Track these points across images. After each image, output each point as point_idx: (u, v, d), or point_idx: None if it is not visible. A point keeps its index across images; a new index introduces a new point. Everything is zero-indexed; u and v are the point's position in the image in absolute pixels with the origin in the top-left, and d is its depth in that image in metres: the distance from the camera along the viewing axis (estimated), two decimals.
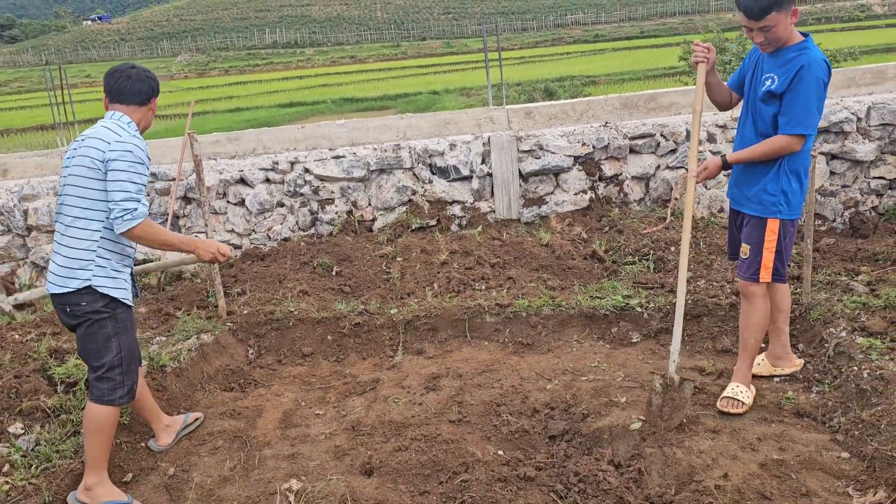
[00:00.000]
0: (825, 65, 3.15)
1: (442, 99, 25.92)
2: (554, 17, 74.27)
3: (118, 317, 3.02)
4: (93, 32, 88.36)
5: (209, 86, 41.10)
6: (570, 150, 5.92)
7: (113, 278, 3.00)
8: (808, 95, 3.12)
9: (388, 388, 3.98)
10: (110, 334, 3.00)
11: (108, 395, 3.00)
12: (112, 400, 3.01)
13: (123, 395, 3.04)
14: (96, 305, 2.96)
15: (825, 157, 5.91)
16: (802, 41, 3.21)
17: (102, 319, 2.98)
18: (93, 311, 2.97)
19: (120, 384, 3.02)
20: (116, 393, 3.02)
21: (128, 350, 3.05)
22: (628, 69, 30.40)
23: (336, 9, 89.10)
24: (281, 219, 6.11)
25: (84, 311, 2.96)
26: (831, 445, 3.07)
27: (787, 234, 3.36)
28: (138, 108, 3.13)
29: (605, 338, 4.44)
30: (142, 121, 3.17)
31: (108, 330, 2.99)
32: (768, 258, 3.35)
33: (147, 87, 3.15)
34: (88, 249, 2.95)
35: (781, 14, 3.09)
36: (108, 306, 2.99)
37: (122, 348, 3.02)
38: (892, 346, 3.53)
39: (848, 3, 61.18)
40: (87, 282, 2.93)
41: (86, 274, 2.94)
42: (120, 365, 3.01)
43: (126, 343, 3.04)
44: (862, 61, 14.59)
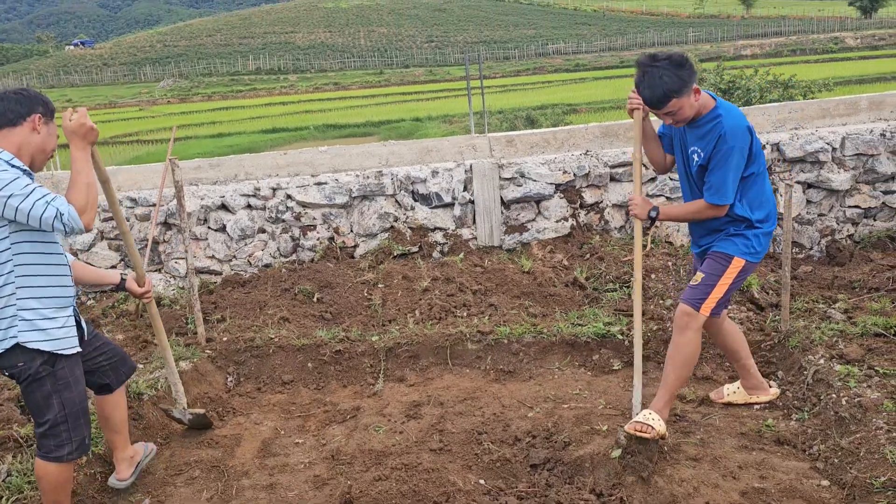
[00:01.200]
0: (742, 129, 3.17)
1: (425, 126, 26.10)
2: (536, 46, 75.32)
3: (57, 374, 2.77)
4: (75, 57, 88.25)
5: (192, 111, 41.10)
6: (551, 178, 5.97)
7: (42, 330, 2.71)
8: (724, 167, 3.17)
9: (368, 417, 3.94)
10: (49, 392, 2.76)
11: (55, 452, 2.80)
12: (59, 457, 2.80)
13: (72, 451, 2.83)
14: (33, 365, 2.71)
15: (801, 186, 6.00)
16: (714, 108, 3.23)
17: (40, 378, 2.74)
18: (31, 373, 2.72)
19: (67, 440, 2.81)
20: (64, 449, 2.81)
21: (72, 405, 2.81)
22: (609, 98, 30.83)
23: (320, 36, 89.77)
24: (262, 245, 6.08)
25: (22, 373, 2.73)
26: (811, 473, 3.08)
27: (741, 277, 3.39)
28: (11, 132, 2.72)
29: (587, 365, 4.45)
30: (23, 146, 2.74)
31: (47, 388, 2.76)
32: (719, 292, 3.35)
33: (14, 105, 2.75)
34: (6, 305, 2.68)
35: (682, 98, 3.14)
36: (46, 364, 2.74)
37: (66, 405, 2.79)
38: (870, 374, 3.56)
39: (822, 36, 62.70)
40: (14, 339, 2.68)
41: (11, 332, 2.68)
42: (65, 421, 2.79)
43: (69, 399, 2.80)
44: (836, 92, 14.91)
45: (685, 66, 3.13)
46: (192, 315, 4.97)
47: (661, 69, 3.12)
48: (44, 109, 2.81)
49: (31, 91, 2.83)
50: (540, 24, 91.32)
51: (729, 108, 3.25)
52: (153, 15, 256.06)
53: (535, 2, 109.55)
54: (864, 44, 57.37)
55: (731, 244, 3.35)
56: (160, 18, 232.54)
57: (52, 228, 2.61)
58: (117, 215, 3.24)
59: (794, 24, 74.29)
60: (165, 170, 4.99)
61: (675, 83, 3.11)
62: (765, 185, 3.35)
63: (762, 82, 13.45)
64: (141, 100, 53.44)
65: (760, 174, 3.32)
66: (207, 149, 22.12)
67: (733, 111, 3.24)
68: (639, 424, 3.14)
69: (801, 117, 6.38)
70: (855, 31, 64.33)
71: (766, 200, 3.35)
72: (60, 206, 2.57)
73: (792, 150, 5.89)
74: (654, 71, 3.13)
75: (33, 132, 2.77)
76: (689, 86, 3.14)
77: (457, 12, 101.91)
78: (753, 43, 61.49)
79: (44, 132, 2.80)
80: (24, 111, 2.75)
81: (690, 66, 3.16)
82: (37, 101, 2.80)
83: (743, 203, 3.31)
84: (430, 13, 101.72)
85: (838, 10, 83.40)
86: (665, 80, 3.10)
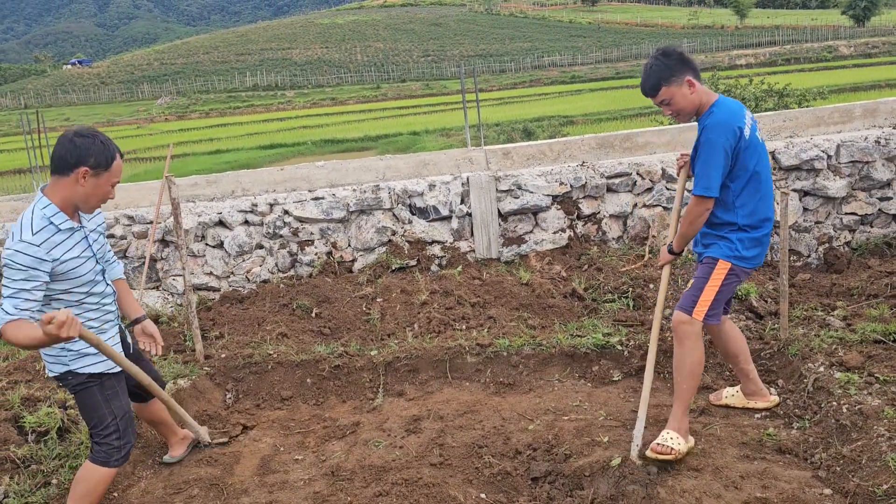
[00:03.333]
0: (725, 126, 3.18)
1: (422, 140, 26.18)
2: (531, 58, 75.65)
3: (105, 384, 3.01)
4: (73, 76, 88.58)
5: (190, 128, 41.21)
6: (548, 190, 5.98)
7: (90, 355, 2.96)
8: (705, 158, 3.21)
9: (368, 432, 3.93)
10: (99, 401, 3.00)
11: (104, 458, 3.02)
12: (107, 462, 3.03)
13: (119, 459, 3.05)
14: (81, 378, 2.97)
15: (798, 195, 6.01)
16: (712, 105, 3.30)
17: (89, 388, 2.99)
18: (79, 384, 2.98)
19: (117, 449, 3.03)
20: (112, 457, 3.03)
21: (122, 413, 3.05)
22: (604, 109, 30.98)
23: (316, 52, 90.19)
24: (260, 261, 6.08)
25: (71, 385, 2.99)
26: (813, 482, 3.06)
27: (730, 281, 3.37)
28: (59, 180, 2.75)
29: (587, 376, 4.43)
30: (67, 199, 2.79)
31: (97, 398, 3.00)
32: (708, 295, 3.36)
33: (65, 153, 2.71)
34: None
35: (672, 87, 3.27)
36: (93, 377, 2.99)
37: (116, 414, 3.02)
38: (870, 381, 3.55)
39: (816, 45, 63.04)
40: (66, 367, 2.94)
41: (62, 360, 2.94)
42: (116, 430, 3.02)
43: (119, 407, 3.04)
44: (830, 100, 14.99)
45: (672, 56, 3.29)
46: (190, 332, 4.95)
47: (653, 60, 3.33)
48: (93, 162, 2.74)
49: (86, 139, 2.74)
50: (535, 37, 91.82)
51: (725, 106, 3.27)
52: (150, 33, 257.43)
53: (531, 15, 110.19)
54: (858, 52, 57.69)
55: (716, 247, 3.38)
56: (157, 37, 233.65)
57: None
58: None
59: (787, 33, 74.72)
60: (162, 187, 5.00)
61: (662, 71, 3.27)
62: (758, 190, 3.32)
63: (757, 91, 13.53)
64: (139, 118, 53.62)
65: (752, 178, 3.29)
66: (205, 165, 22.17)
67: (726, 108, 3.25)
68: (659, 447, 3.19)
69: (795, 125, 6.41)
70: (848, 40, 64.69)
71: (757, 206, 3.33)
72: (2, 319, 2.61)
73: (787, 158, 5.91)
74: (648, 62, 3.36)
75: (77, 185, 2.76)
76: (678, 75, 3.26)
77: (452, 26, 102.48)
78: (748, 52, 61.81)
79: (90, 185, 2.77)
80: (72, 162, 2.72)
81: (679, 57, 3.29)
82: (87, 152, 2.73)
83: (729, 205, 3.33)
84: (426, 27, 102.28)
85: (832, 19, 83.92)
86: (654, 69, 3.30)
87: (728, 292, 3.42)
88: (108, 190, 2.86)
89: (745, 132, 3.25)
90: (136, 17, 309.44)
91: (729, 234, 3.36)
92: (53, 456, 3.51)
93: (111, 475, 3.07)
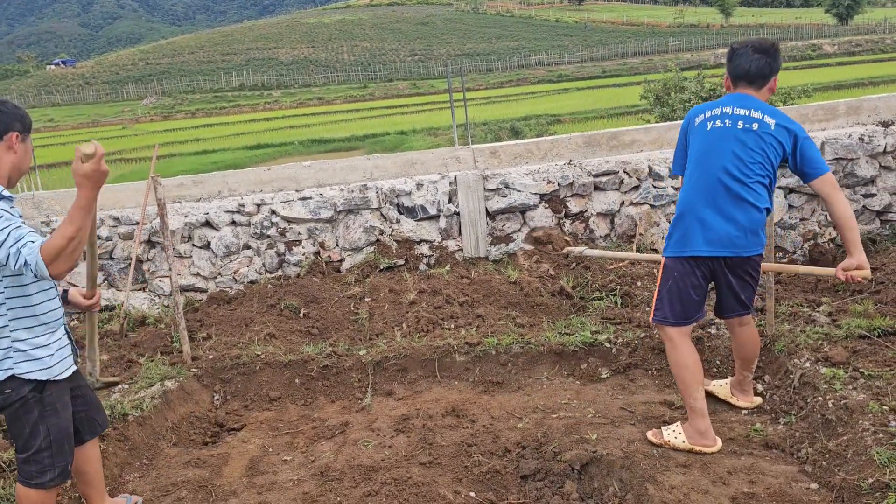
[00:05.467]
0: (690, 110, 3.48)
1: (409, 139, 26.17)
2: (518, 58, 75.74)
3: (45, 400, 2.72)
4: (56, 77, 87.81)
5: (175, 129, 40.98)
6: (535, 188, 5.99)
7: (37, 359, 2.68)
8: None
9: (357, 432, 3.92)
10: (36, 420, 2.71)
11: (37, 478, 2.73)
12: (41, 483, 2.74)
13: (54, 478, 2.76)
14: (22, 392, 2.67)
15: (783, 191, 6.06)
16: None
17: (27, 404, 2.69)
18: (18, 399, 2.68)
19: (49, 466, 2.74)
20: (46, 476, 2.74)
21: (57, 432, 2.75)
22: (591, 108, 31.08)
23: (303, 51, 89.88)
24: (247, 261, 6.05)
25: (9, 399, 2.68)
26: (800, 477, 3.09)
27: (668, 276, 3.34)
28: None
29: (575, 374, 4.45)
30: (2, 167, 2.68)
31: (34, 415, 2.71)
32: (657, 295, 3.40)
33: None
34: (2, 338, 2.64)
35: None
36: (34, 390, 2.70)
37: (51, 431, 2.73)
38: (855, 376, 3.58)
39: (800, 43, 63.50)
40: (9, 371, 2.65)
41: (6, 363, 2.64)
42: (49, 448, 2.73)
43: (55, 425, 2.75)
44: (815, 98, 15.09)
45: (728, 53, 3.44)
46: (177, 333, 4.93)
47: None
48: (20, 126, 2.71)
49: (7, 106, 2.71)
50: (522, 36, 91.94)
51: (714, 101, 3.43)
52: (135, 33, 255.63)
53: (517, 14, 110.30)
54: (842, 50, 58.18)
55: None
56: (142, 36, 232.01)
57: (20, 273, 2.55)
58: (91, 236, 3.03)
59: (772, 31, 75.23)
60: (148, 188, 4.96)
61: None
62: (689, 177, 3.32)
63: None
64: (124, 118, 53.26)
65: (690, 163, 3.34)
66: (191, 166, 22.05)
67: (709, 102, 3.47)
68: (655, 432, 3.40)
69: None
70: (832, 38, 65.24)
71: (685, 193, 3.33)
72: (28, 256, 2.43)
73: None
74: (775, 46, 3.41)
75: (9, 151, 2.69)
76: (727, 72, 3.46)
77: (439, 26, 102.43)
78: None
79: (20, 151, 2.72)
80: (1, 129, 2.67)
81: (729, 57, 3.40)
82: (13, 117, 2.69)
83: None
84: (413, 27, 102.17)
85: (815, 18, 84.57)
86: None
87: (674, 288, 3.31)
88: (30, 158, 2.82)
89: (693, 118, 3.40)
90: (120, 16, 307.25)
91: None
92: None
93: (51, 497, 2.78)
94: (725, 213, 3.21)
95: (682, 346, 3.35)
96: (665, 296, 3.35)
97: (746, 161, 3.20)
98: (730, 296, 3.40)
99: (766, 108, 3.25)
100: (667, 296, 3.34)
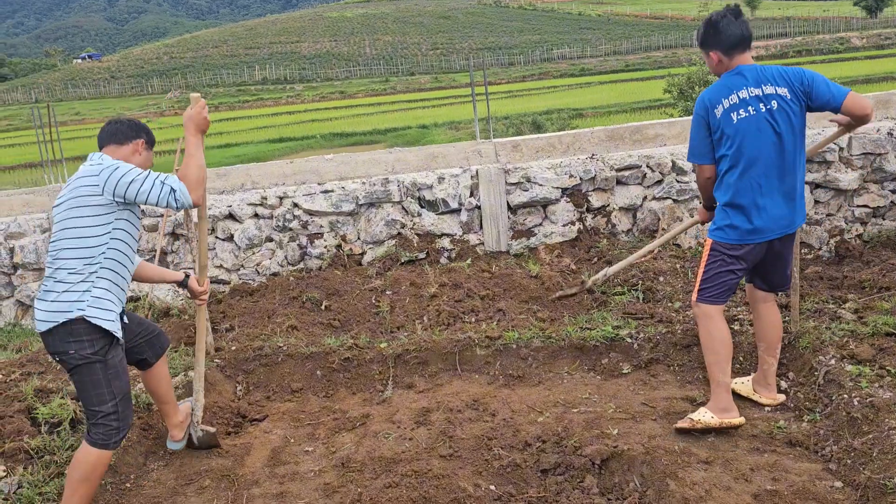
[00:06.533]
0: (699, 101, 3.43)
1: (431, 133, 26.15)
2: (540, 51, 75.37)
3: (108, 362, 2.99)
4: (83, 70, 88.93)
5: None
6: (557, 182, 5.96)
7: (106, 310, 2.98)
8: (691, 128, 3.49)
9: (378, 424, 3.94)
10: (101, 381, 2.97)
11: (103, 440, 3.00)
12: (107, 444, 3.01)
13: (118, 440, 3.04)
14: (85, 352, 2.93)
15: (809, 187, 5.97)
16: None
17: (91, 364, 2.95)
18: (82, 359, 2.93)
19: (116, 430, 3.01)
20: (112, 438, 3.01)
21: (122, 394, 3.03)
22: (614, 102, 30.84)
23: (325, 45, 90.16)
24: (270, 254, 6.10)
25: (74, 360, 2.94)
26: (824, 475, 3.05)
27: (714, 257, 3.45)
28: (118, 149, 3.15)
29: (596, 369, 4.43)
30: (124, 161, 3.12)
31: (100, 377, 2.96)
32: (699, 275, 3.53)
33: (125, 128, 3.19)
34: (83, 281, 2.95)
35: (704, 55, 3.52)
36: (100, 351, 2.96)
37: (117, 394, 3.00)
38: (881, 374, 3.53)
39: (828, 37, 62.51)
40: (81, 312, 2.90)
41: (80, 305, 2.91)
42: (116, 412, 3.00)
43: (120, 388, 3.02)
44: None
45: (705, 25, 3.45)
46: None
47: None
48: (147, 138, 3.25)
49: (140, 122, 3.27)
50: (544, 29, 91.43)
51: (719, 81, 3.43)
52: (160, 27, 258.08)
53: (540, 7, 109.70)
54: (871, 43, 57.16)
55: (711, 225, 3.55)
56: (167, 31, 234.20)
57: (167, 204, 2.96)
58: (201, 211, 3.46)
59: (799, 24, 74.11)
60: None
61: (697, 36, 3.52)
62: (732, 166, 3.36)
63: None
64: (148, 111, 53.78)
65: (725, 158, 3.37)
66: (214, 159, 22.23)
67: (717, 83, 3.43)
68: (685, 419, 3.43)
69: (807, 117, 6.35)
70: (861, 31, 64.11)
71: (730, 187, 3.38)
72: (174, 184, 2.96)
73: None
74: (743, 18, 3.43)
75: (135, 154, 3.20)
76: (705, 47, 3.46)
77: (461, 19, 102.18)
78: (759, 44, 61.33)
79: (143, 156, 3.23)
80: (131, 134, 3.19)
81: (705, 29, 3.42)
82: (143, 129, 3.24)
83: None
84: (435, 20, 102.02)
85: (844, 11, 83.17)
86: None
87: (722, 269, 3.44)
88: (150, 167, 3.23)
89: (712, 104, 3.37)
90: (145, 11, 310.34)
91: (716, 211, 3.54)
92: (66, 447, 3.54)
93: (108, 457, 3.04)
94: (777, 197, 3.34)
95: (719, 320, 3.47)
96: (711, 275, 3.46)
97: (785, 139, 3.30)
98: (778, 270, 3.57)
99: (771, 77, 3.33)
100: (713, 278, 3.46)
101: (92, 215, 2.95)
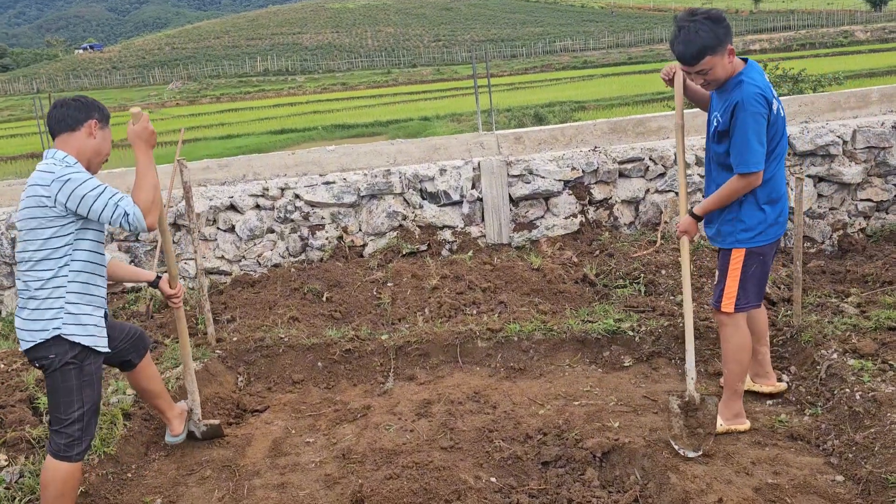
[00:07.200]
0: (760, 97, 3.06)
1: (433, 125, 26.08)
2: (543, 43, 75.15)
3: (85, 368, 2.88)
4: (84, 61, 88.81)
5: (200, 113, 41.21)
6: (559, 175, 5.94)
7: (84, 325, 2.87)
8: (744, 134, 3.06)
9: (379, 415, 3.94)
10: (73, 387, 2.85)
11: (65, 451, 2.86)
12: (69, 456, 2.86)
13: (81, 452, 2.90)
14: (65, 357, 2.83)
15: (812, 181, 5.96)
16: (739, 73, 3.14)
17: (68, 371, 2.84)
18: (61, 365, 2.83)
19: (78, 440, 2.87)
20: (73, 449, 2.87)
21: (91, 404, 2.90)
22: (617, 94, 30.72)
23: (327, 37, 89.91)
24: (271, 245, 6.09)
25: (54, 364, 2.84)
26: (825, 469, 3.05)
27: (753, 262, 3.29)
28: (70, 136, 2.91)
29: (597, 362, 4.43)
30: (81, 150, 2.92)
31: (73, 383, 2.85)
32: (731, 286, 3.31)
33: (73, 111, 2.92)
34: (54, 297, 2.82)
35: (716, 57, 3.06)
36: (77, 357, 2.85)
37: (86, 402, 2.88)
38: (884, 368, 3.53)
39: (832, 30, 62.28)
40: (57, 331, 2.81)
41: (55, 323, 2.81)
42: (81, 420, 2.87)
43: (90, 397, 2.90)
44: (846, 86, 14.81)
45: (722, 23, 3.07)
46: (201, 315, 4.98)
47: (699, 24, 3.04)
48: (99, 115, 2.98)
49: (87, 98, 2.99)
50: (547, 21, 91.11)
51: (753, 73, 3.14)
52: (161, 18, 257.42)
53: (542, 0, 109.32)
54: (875, 37, 56.95)
55: (729, 236, 3.31)
56: (168, 21, 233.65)
57: (119, 226, 2.77)
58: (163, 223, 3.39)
59: (803, 17, 73.83)
60: (174, 171, 5.00)
61: (710, 39, 3.03)
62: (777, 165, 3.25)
63: (772, 77, 13.35)
64: (150, 102, 53.68)
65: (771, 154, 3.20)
66: (216, 150, 22.18)
67: (756, 78, 3.12)
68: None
69: (811, 111, 6.33)
70: (865, 25, 63.88)
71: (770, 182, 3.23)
72: (127, 207, 2.75)
73: (802, 143, 5.85)
74: (691, 25, 3.05)
75: (90, 137, 2.94)
76: (724, 45, 3.07)
77: (464, 11, 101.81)
78: (763, 37, 61.16)
79: (99, 137, 2.98)
80: (81, 117, 2.92)
81: (727, 25, 3.08)
82: (93, 107, 2.97)
83: None
84: (437, 12, 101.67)
85: (848, 4, 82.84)
86: (701, 34, 3.03)
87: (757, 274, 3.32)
88: (109, 145, 3.04)
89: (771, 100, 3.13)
90: (146, 1, 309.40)
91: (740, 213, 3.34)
92: None
93: (78, 470, 2.91)
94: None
95: (745, 329, 3.39)
96: (745, 283, 3.30)
97: None
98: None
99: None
100: (752, 281, 3.31)
101: (50, 226, 2.79)
